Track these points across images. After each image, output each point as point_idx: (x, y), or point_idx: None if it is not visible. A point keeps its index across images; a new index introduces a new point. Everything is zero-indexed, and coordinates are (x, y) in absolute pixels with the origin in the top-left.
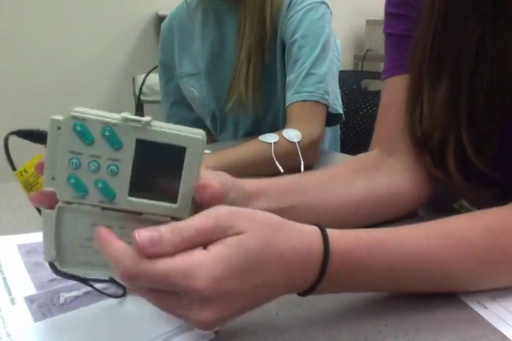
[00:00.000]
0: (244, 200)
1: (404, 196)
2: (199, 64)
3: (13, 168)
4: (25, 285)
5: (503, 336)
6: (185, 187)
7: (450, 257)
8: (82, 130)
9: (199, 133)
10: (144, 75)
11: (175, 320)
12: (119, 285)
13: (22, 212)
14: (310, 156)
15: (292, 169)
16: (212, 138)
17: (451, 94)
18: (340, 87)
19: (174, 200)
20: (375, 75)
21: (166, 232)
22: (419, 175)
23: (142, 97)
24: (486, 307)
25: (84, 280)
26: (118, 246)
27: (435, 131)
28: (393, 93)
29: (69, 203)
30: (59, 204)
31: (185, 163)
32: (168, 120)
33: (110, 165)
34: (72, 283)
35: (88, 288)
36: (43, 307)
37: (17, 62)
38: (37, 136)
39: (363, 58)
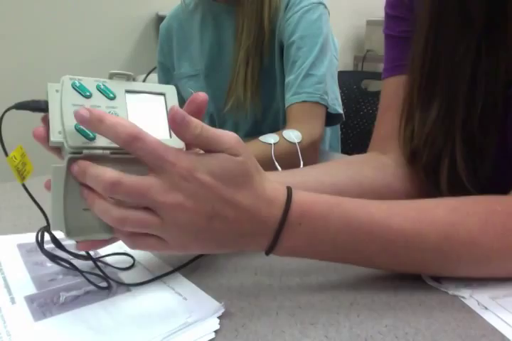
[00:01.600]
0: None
1: (391, 189)
2: (198, 65)
3: (6, 154)
4: (25, 285)
5: (503, 336)
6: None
7: (411, 226)
8: (80, 86)
9: (170, 85)
10: (144, 75)
11: (175, 320)
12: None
13: (22, 212)
14: (310, 157)
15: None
16: None
17: (444, 117)
18: (340, 87)
19: (169, 134)
20: (375, 76)
21: (195, 122)
22: (411, 173)
23: None
24: (485, 308)
25: (74, 267)
26: (115, 118)
27: (425, 149)
28: (392, 93)
29: (79, 152)
30: (69, 155)
31: (167, 103)
32: None
33: (110, 112)
34: (72, 282)
35: (88, 288)
36: (43, 306)
37: (17, 62)
38: (34, 105)
39: (363, 58)
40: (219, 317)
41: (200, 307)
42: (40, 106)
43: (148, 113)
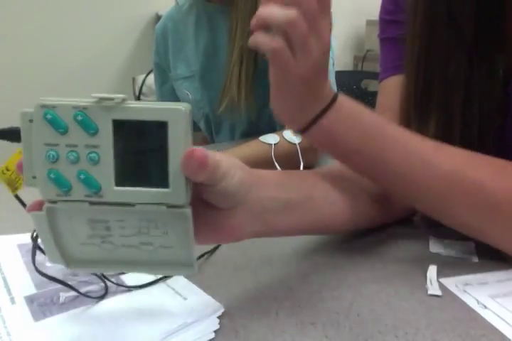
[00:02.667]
0: (251, 180)
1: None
2: (193, 66)
3: None
4: (25, 285)
5: (503, 336)
6: (174, 167)
7: (429, 150)
8: (53, 118)
9: (181, 105)
10: (144, 75)
11: (175, 320)
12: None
13: (22, 212)
14: (310, 157)
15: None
16: (205, 140)
17: (444, 133)
18: (340, 87)
19: (166, 184)
20: (375, 75)
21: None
22: None
23: (142, 97)
24: (485, 307)
25: (65, 284)
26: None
27: None
28: (392, 93)
29: (55, 202)
30: (46, 204)
31: (169, 139)
32: None
33: (89, 153)
34: (71, 282)
35: (88, 288)
36: (43, 306)
37: (17, 62)
38: (12, 134)
39: (362, 58)
40: (219, 317)
41: (200, 307)
42: (18, 138)
43: (143, 152)
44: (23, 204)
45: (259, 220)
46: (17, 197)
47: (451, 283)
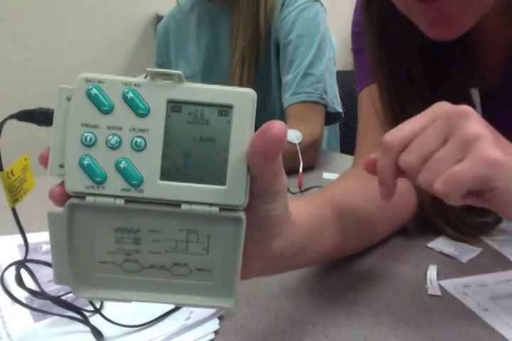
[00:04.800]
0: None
1: (401, 202)
2: (194, 66)
3: (1, 168)
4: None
5: (502, 337)
6: (235, 160)
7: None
8: (98, 94)
9: (248, 89)
10: (144, 75)
11: (175, 321)
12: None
13: (22, 212)
14: (311, 157)
15: (292, 170)
16: None
17: None
18: (340, 86)
19: (222, 181)
20: None
21: None
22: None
23: None
24: (485, 309)
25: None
26: None
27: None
28: (371, 101)
29: (82, 197)
30: (70, 200)
31: (232, 127)
32: None
33: (135, 138)
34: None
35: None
36: (43, 307)
37: (17, 62)
38: (41, 116)
39: None
40: (219, 318)
41: (200, 308)
42: (47, 119)
43: (198, 141)
44: (18, 223)
45: (271, 265)
46: (14, 212)
47: (451, 285)
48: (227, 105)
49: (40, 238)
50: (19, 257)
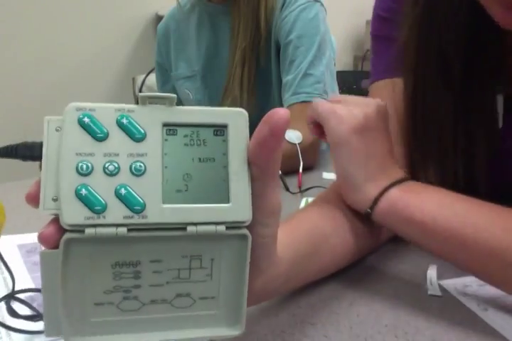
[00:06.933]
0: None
1: None
2: (194, 66)
3: None
4: (25, 285)
5: (503, 338)
6: (236, 177)
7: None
8: (91, 122)
9: (238, 108)
10: (143, 75)
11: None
12: None
13: (22, 212)
14: (310, 157)
15: (292, 170)
16: None
17: (442, 173)
18: (340, 86)
19: (225, 198)
20: None
21: None
22: None
23: None
24: (486, 309)
25: None
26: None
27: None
28: (388, 98)
29: (80, 230)
30: (66, 235)
31: (229, 145)
32: None
33: (134, 163)
34: None
35: None
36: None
37: (17, 62)
38: (27, 151)
39: (362, 58)
40: None
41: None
42: (32, 154)
43: (197, 161)
44: (1, 257)
45: (251, 300)
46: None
47: (451, 285)
48: (222, 125)
49: None
50: (19, 257)
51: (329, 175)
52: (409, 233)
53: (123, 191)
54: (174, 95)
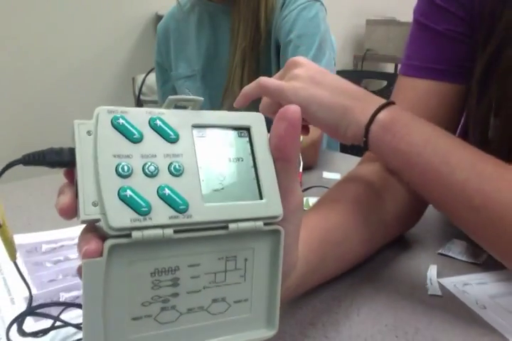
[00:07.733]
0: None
1: (407, 214)
2: (194, 66)
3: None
4: (25, 286)
5: (502, 336)
6: (265, 174)
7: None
8: (126, 124)
9: (255, 113)
10: (143, 75)
11: None
12: None
13: (22, 212)
14: (311, 157)
15: None
16: None
17: None
18: None
19: (257, 195)
20: (375, 75)
21: None
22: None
23: (142, 97)
24: (484, 307)
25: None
26: None
27: None
28: (415, 99)
29: (124, 235)
30: (109, 241)
31: (254, 144)
32: None
33: (172, 163)
34: (72, 283)
35: None
36: (43, 307)
37: (17, 62)
38: (52, 158)
39: (362, 58)
40: None
41: None
42: (62, 160)
43: (227, 161)
44: (21, 275)
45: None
46: (16, 265)
47: (450, 283)
48: (245, 127)
49: (40, 238)
50: (19, 257)
51: (329, 175)
52: (394, 162)
53: (167, 191)
54: (201, 98)
